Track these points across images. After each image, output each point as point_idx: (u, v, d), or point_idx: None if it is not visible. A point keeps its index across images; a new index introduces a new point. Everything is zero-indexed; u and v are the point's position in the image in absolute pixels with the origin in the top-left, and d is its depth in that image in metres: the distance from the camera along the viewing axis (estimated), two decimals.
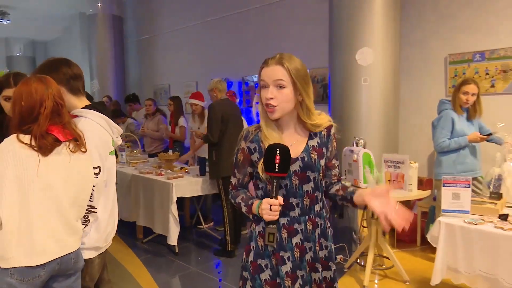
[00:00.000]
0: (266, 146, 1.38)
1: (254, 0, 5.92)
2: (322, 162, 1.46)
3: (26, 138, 1.47)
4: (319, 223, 1.47)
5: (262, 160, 1.39)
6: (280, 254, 1.43)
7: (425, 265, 3.41)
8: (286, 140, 1.43)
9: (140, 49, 8.59)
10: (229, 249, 3.76)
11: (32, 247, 1.46)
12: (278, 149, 1.33)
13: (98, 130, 1.80)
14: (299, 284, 1.44)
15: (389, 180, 3.02)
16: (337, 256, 3.53)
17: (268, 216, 1.33)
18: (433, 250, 2.52)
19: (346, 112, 3.85)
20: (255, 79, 6.01)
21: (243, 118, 4.09)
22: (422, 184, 3.06)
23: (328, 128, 1.50)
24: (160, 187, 3.79)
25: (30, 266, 1.45)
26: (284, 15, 5.57)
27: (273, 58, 1.41)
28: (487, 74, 3.83)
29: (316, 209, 1.46)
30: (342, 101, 3.90)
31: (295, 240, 1.43)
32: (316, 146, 1.46)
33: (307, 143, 1.46)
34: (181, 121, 5.08)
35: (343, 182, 1.59)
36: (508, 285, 1.98)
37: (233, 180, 1.56)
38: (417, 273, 3.22)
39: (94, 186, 1.73)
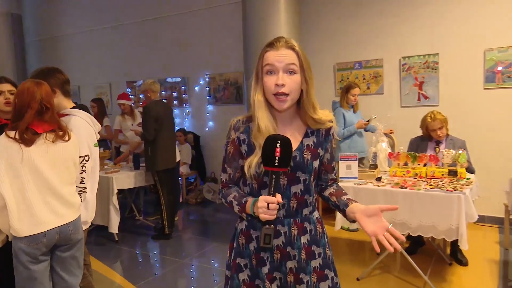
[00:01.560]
0: (258, 140, 1.28)
1: (168, 8, 6.39)
2: (316, 163, 1.34)
3: (11, 133, 1.82)
4: (308, 229, 1.35)
5: (253, 154, 1.30)
6: (261, 255, 1.34)
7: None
8: (282, 133, 1.30)
9: (43, 49, 8.29)
10: (167, 232, 4.25)
11: (32, 220, 1.83)
12: (279, 141, 1.21)
13: (86, 126, 2.23)
14: (276, 285, 1.35)
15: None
16: None
17: (265, 215, 1.21)
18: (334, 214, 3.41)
19: None
20: (173, 80, 6.49)
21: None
22: None
23: (328, 128, 1.37)
24: (100, 181, 4.08)
25: (33, 235, 1.83)
26: (199, 23, 6.15)
27: (279, 40, 1.28)
28: (364, 79, 4.97)
29: (304, 213, 1.35)
30: None
31: (277, 242, 1.32)
32: (311, 145, 1.34)
33: (301, 141, 1.34)
34: (106, 121, 5.33)
35: (338, 184, 1.50)
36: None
37: (224, 177, 1.41)
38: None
39: (84, 170, 2.16)
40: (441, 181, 2.97)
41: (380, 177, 3.16)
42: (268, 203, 1.20)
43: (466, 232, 2.64)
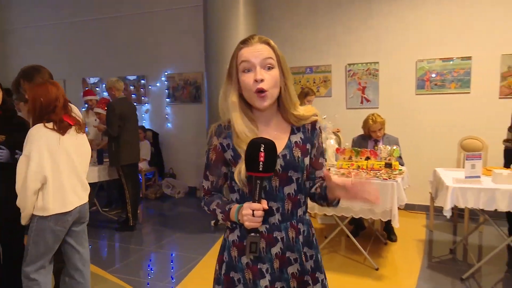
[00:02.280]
0: (240, 146, 1.21)
1: (128, 8, 6.51)
2: (307, 160, 1.28)
3: (49, 124, 2.11)
4: (301, 230, 1.28)
5: (241, 160, 1.21)
6: (258, 267, 1.24)
7: None
8: (264, 134, 1.23)
9: None
10: (131, 224, 4.45)
11: (63, 200, 2.13)
12: (262, 145, 1.13)
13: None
14: None
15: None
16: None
17: (250, 223, 1.13)
18: None
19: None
20: (131, 78, 6.62)
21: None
22: None
23: (313, 122, 1.32)
24: None
25: (62, 213, 2.12)
26: (158, 24, 6.35)
27: (253, 37, 1.23)
28: (314, 82, 5.48)
29: (298, 214, 1.28)
30: (217, 101, 4.98)
31: (275, 250, 1.24)
32: (300, 142, 1.28)
33: (289, 139, 1.27)
34: None
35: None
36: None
37: (206, 184, 1.34)
38: None
39: None
40: (378, 172, 3.49)
41: (329, 169, 3.64)
42: (253, 210, 1.13)
43: (398, 214, 3.17)
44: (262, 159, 1.13)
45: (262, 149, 1.13)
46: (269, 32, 5.57)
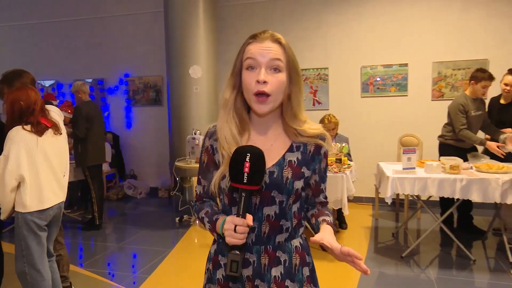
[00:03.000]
0: (221, 150, 1.13)
1: (83, 11, 6.54)
2: (298, 184, 1.12)
3: (28, 127, 2.28)
4: (281, 259, 1.14)
5: (219, 170, 1.13)
6: (229, 285, 1.15)
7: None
8: (257, 143, 1.12)
9: None
10: (97, 223, 4.57)
11: (40, 197, 2.29)
12: (248, 154, 1.02)
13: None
14: None
15: None
16: (184, 216, 4.87)
17: (232, 239, 1.03)
18: None
19: (183, 111, 5.20)
20: (91, 81, 6.64)
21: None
22: None
23: (317, 145, 1.16)
24: None
25: (43, 209, 2.29)
26: (117, 28, 6.45)
27: (264, 32, 1.11)
28: None
29: (277, 240, 1.14)
30: (179, 104, 5.22)
31: (247, 272, 1.13)
32: (295, 162, 1.13)
33: (283, 156, 1.13)
34: None
35: (326, 206, 1.27)
36: None
37: (198, 189, 1.24)
38: None
39: None
40: (330, 166, 3.92)
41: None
42: (235, 225, 1.02)
43: (347, 203, 3.61)
44: (247, 169, 1.01)
45: (247, 159, 1.01)
46: (227, 37, 5.90)
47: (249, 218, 1.04)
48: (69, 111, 4.63)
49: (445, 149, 4.07)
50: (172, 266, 3.57)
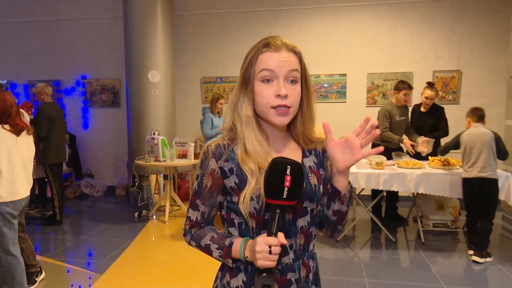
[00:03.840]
0: (249, 165, 1.02)
1: (39, 14, 6.63)
2: (321, 188, 1.10)
3: (7, 126, 2.55)
4: (311, 267, 1.11)
5: (246, 185, 1.01)
6: None
7: None
8: (275, 154, 1.06)
9: None
10: (58, 219, 4.78)
11: (13, 190, 2.56)
12: (289, 166, 0.93)
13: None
14: None
15: None
16: (143, 211, 5.19)
17: (266, 261, 0.93)
18: None
19: (142, 113, 5.52)
20: (47, 82, 6.73)
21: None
22: (196, 156, 5.14)
23: (322, 143, 1.15)
24: None
25: (17, 200, 2.57)
26: (75, 31, 6.60)
27: (278, 39, 1.05)
28: (224, 91, 6.33)
29: (310, 249, 1.11)
30: (139, 106, 5.53)
31: None
32: (314, 167, 1.11)
33: (302, 163, 1.09)
34: None
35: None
36: None
37: (193, 215, 1.11)
38: None
39: None
40: None
41: None
42: (270, 246, 0.92)
43: None
44: (288, 183, 0.91)
45: (288, 172, 0.92)
46: (183, 44, 6.28)
47: (282, 236, 0.95)
48: (29, 112, 4.78)
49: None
50: (133, 256, 3.91)
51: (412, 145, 4.44)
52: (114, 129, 6.66)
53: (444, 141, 4.42)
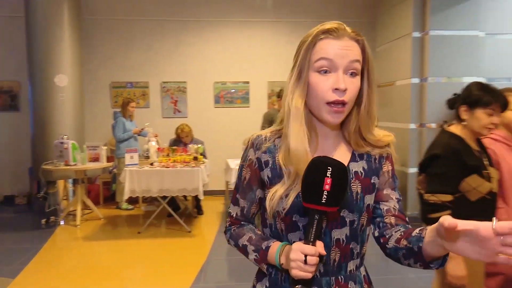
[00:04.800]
0: (289, 165, 0.93)
1: None
2: (369, 199, 0.97)
3: None
4: None
5: (280, 182, 0.94)
6: None
7: (114, 210, 5.63)
8: (318, 154, 0.92)
9: None
10: None
11: None
12: (330, 168, 0.82)
13: None
14: None
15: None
16: (51, 217, 5.12)
17: (300, 272, 0.82)
18: (115, 203, 4.79)
19: (49, 117, 5.42)
20: None
21: None
22: (108, 159, 5.25)
23: (381, 152, 1.00)
24: None
25: None
26: None
27: (341, 26, 0.90)
28: (135, 95, 6.49)
29: (349, 269, 0.98)
30: (44, 110, 5.42)
31: None
32: (361, 173, 0.97)
33: (348, 167, 0.96)
34: None
35: (407, 225, 0.98)
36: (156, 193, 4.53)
37: (233, 211, 1.06)
38: (109, 213, 5.40)
39: None
40: (189, 163, 4.83)
41: (153, 163, 4.77)
42: (305, 255, 0.82)
43: (202, 190, 4.57)
44: (327, 187, 0.82)
45: (328, 174, 0.82)
46: (91, 49, 6.30)
47: (320, 245, 0.85)
48: None
49: None
50: (45, 260, 3.92)
51: None
52: (12, 135, 6.34)
53: None
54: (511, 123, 2.08)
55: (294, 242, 0.89)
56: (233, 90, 6.60)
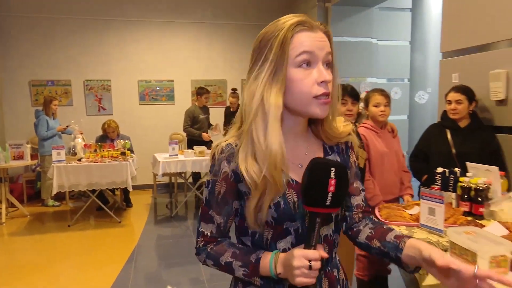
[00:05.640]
0: (274, 171, 0.86)
1: None
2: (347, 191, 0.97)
3: None
4: (339, 279, 1.00)
5: (267, 190, 0.87)
6: None
7: (40, 207, 5.65)
8: (293, 156, 0.94)
9: None
10: None
11: None
12: (333, 169, 0.80)
13: None
14: None
15: None
16: None
17: (305, 279, 0.80)
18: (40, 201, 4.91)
19: None
20: None
21: None
22: (31, 158, 5.29)
23: (346, 141, 1.02)
24: None
25: None
26: None
27: (307, 18, 0.89)
28: (57, 93, 6.48)
29: (332, 258, 0.99)
30: None
31: None
32: None
33: None
34: None
35: (371, 217, 1.05)
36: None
37: (207, 230, 0.97)
38: (35, 210, 5.44)
39: None
40: (117, 158, 5.08)
41: (80, 159, 4.95)
42: (309, 261, 0.80)
43: (131, 182, 4.87)
44: (332, 188, 0.80)
45: (332, 175, 0.80)
46: (8, 47, 6.18)
47: (321, 248, 0.84)
48: None
49: (191, 142, 5.91)
50: None
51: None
52: None
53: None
54: (374, 116, 2.78)
55: (283, 249, 0.90)
56: (158, 88, 6.90)
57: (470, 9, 2.96)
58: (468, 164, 2.23)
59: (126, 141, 5.41)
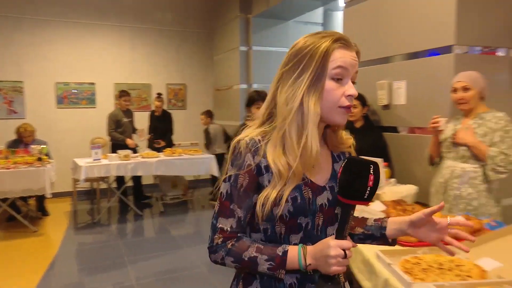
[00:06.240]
0: (309, 167, 0.98)
1: None
2: None
3: None
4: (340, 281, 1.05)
5: (271, 188, 0.95)
6: None
7: None
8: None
9: None
10: None
11: None
12: (372, 165, 0.89)
13: None
14: None
15: None
16: None
17: (340, 267, 0.89)
18: None
19: None
20: None
21: None
22: None
23: (348, 151, 1.12)
24: None
25: None
26: None
27: (345, 36, 0.98)
28: None
29: None
30: None
31: None
32: None
33: (333, 167, 1.06)
34: None
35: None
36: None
37: (226, 225, 0.98)
38: None
39: None
40: (32, 164, 4.81)
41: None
42: (344, 250, 0.88)
43: (50, 188, 4.67)
44: (371, 183, 0.88)
45: (371, 171, 0.88)
46: None
47: (349, 238, 0.94)
48: None
49: (116, 146, 5.81)
50: None
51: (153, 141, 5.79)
52: None
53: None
54: None
55: (294, 243, 0.97)
56: (76, 91, 6.65)
57: (364, 28, 3.46)
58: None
59: (43, 146, 5.16)
